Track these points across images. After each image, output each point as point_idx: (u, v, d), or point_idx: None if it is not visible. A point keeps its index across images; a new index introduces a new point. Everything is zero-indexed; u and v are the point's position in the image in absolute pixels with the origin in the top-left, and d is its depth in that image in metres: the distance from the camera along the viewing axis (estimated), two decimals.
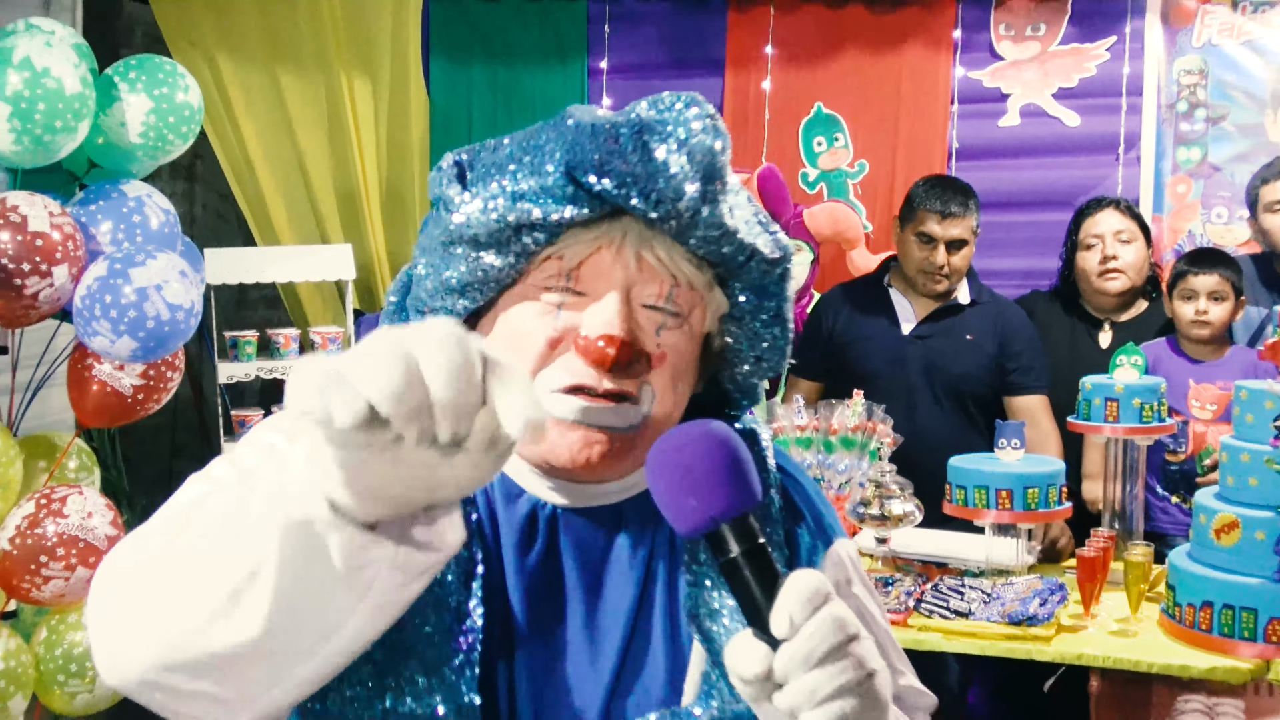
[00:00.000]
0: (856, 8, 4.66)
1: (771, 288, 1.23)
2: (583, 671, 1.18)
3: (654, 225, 1.13)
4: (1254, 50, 4.36)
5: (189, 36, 5.27)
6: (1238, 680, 2.65)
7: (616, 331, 1.12)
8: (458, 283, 1.19)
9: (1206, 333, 3.49)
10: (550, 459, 1.16)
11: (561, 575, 1.20)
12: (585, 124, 1.11)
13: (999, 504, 3.03)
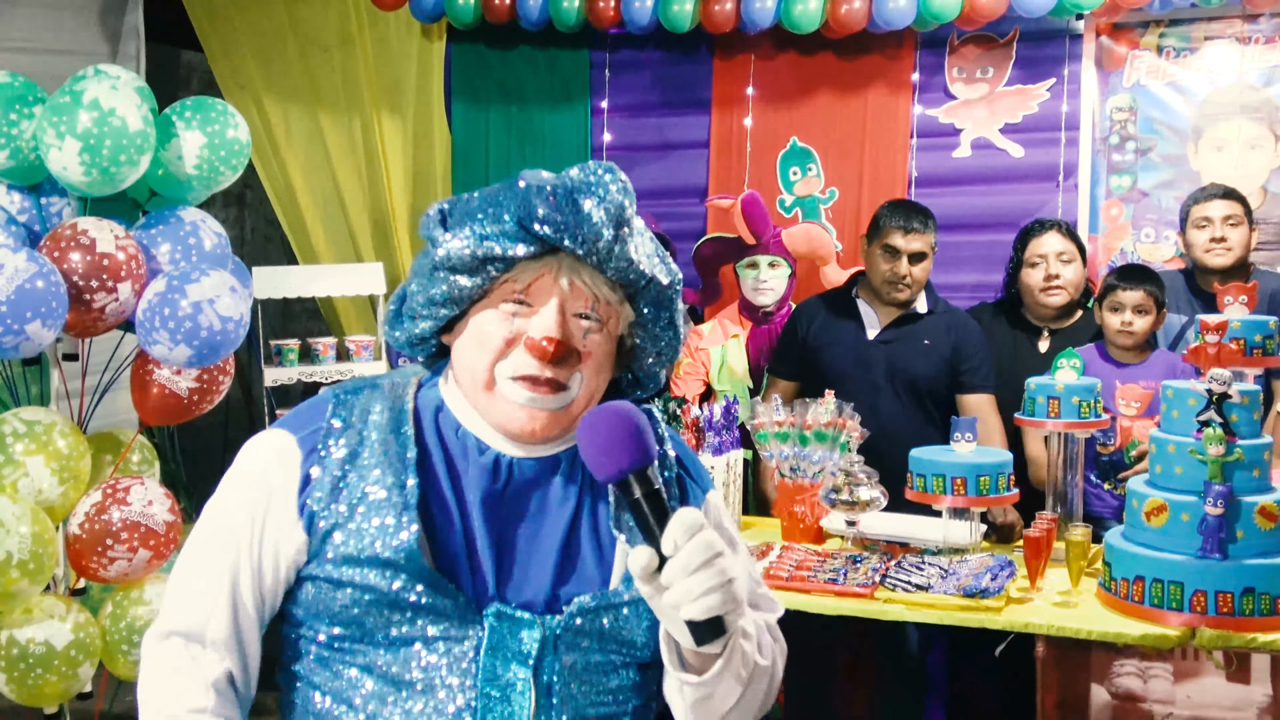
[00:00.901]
0: (826, 54, 4.66)
1: (666, 302, 1.49)
2: (532, 562, 1.44)
3: (581, 259, 1.39)
4: (1176, 90, 4.37)
5: (238, 81, 5.30)
6: (1166, 646, 2.64)
7: (555, 334, 1.39)
8: (440, 298, 1.43)
9: (1130, 342, 3.50)
10: (507, 428, 1.43)
11: (518, 500, 1.46)
12: (532, 186, 1.37)
13: (954, 490, 3.02)
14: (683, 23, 4.52)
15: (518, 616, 1.40)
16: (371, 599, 1.37)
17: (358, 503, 1.39)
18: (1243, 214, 3.77)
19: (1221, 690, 2.73)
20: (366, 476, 1.41)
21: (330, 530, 1.39)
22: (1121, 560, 2.75)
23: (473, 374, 1.43)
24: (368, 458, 1.42)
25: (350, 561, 1.37)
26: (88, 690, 3.25)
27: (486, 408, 1.44)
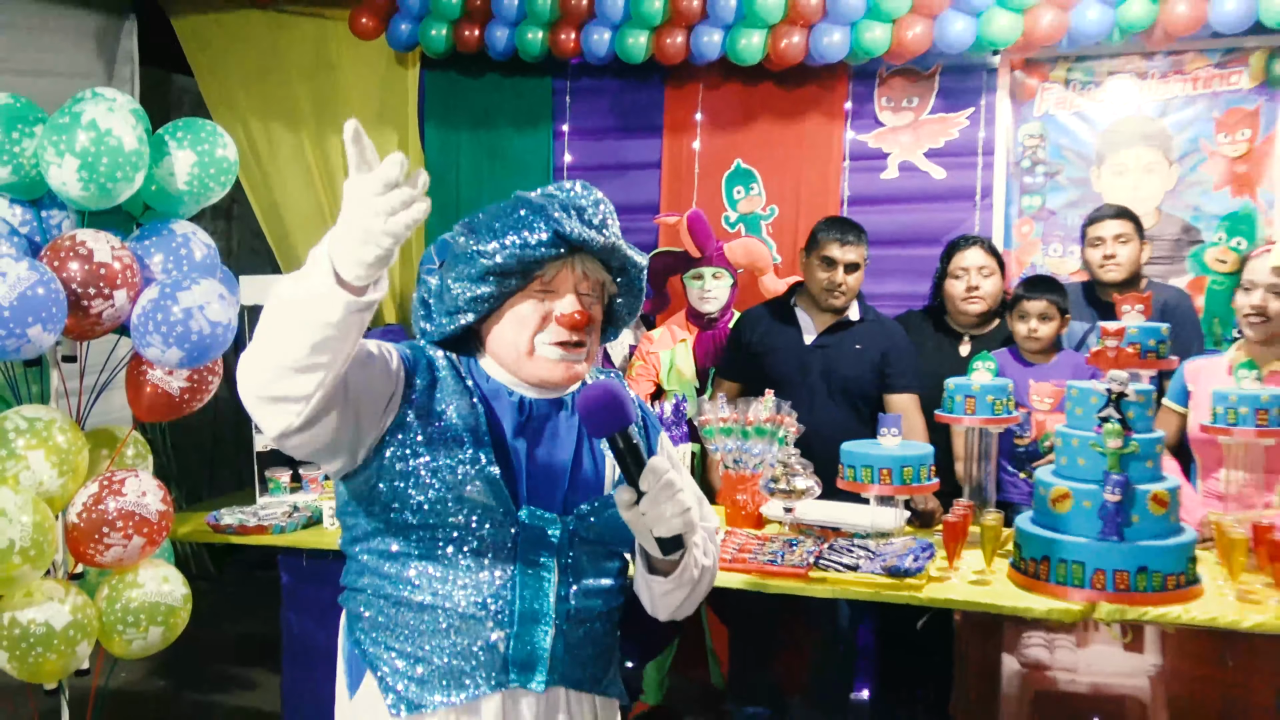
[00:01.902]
0: (767, 84, 4.69)
1: (636, 275, 1.86)
2: (548, 474, 1.79)
3: (588, 255, 1.76)
4: (1082, 119, 4.43)
5: (227, 103, 5.26)
6: (1070, 619, 2.68)
7: (579, 308, 1.74)
8: (486, 296, 1.73)
9: (1036, 346, 3.58)
10: (547, 380, 1.77)
11: (537, 430, 1.80)
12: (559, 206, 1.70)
13: (881, 480, 3.04)
14: (637, 54, 4.54)
15: (544, 516, 1.75)
16: (447, 493, 1.70)
17: (439, 417, 1.72)
18: (1133, 232, 3.82)
19: (1119, 659, 2.78)
20: (444, 400, 1.74)
21: (419, 427, 1.71)
22: (1030, 542, 2.79)
23: (516, 346, 1.76)
24: (445, 389, 1.75)
25: (437, 467, 1.69)
26: (85, 668, 3.22)
27: (528, 369, 1.77)
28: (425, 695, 1.72)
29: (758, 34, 4.38)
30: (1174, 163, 4.33)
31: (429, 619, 1.72)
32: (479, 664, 1.73)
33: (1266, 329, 3.22)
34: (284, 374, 1.49)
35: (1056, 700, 2.83)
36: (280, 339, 1.48)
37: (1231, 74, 4.24)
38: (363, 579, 1.78)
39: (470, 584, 1.72)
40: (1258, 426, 2.93)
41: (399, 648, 1.74)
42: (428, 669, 1.72)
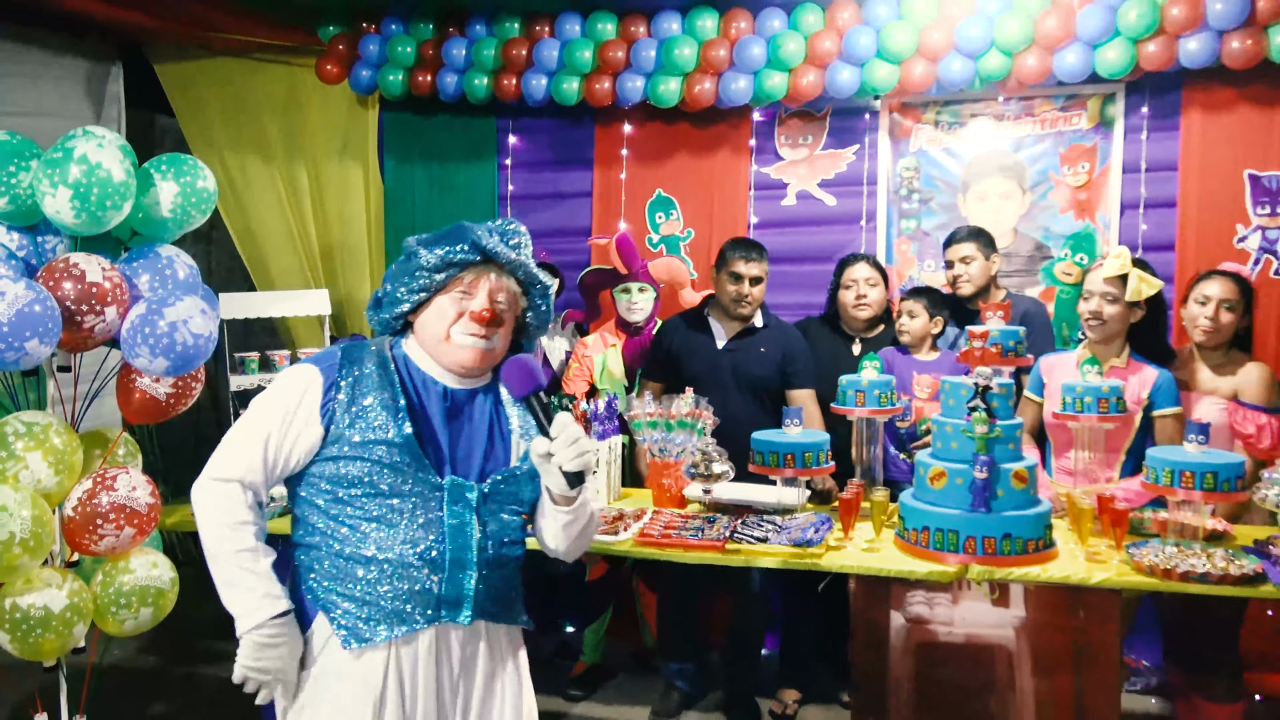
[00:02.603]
0: (684, 124, 4.69)
1: (543, 295, 2.04)
2: (468, 451, 1.96)
3: (501, 268, 1.96)
4: (949, 154, 4.50)
5: (205, 140, 5.15)
6: (946, 580, 2.73)
7: (488, 307, 1.93)
8: (419, 289, 1.93)
9: (907, 339, 3.72)
10: (459, 363, 1.94)
11: (457, 415, 1.97)
12: (482, 229, 1.94)
13: (785, 464, 3.08)
14: (570, 98, 4.52)
15: (464, 483, 1.92)
16: (378, 465, 1.86)
17: (364, 410, 1.88)
18: (976, 251, 3.86)
19: (988, 612, 2.81)
20: (368, 394, 1.89)
21: (348, 426, 1.87)
22: (912, 515, 2.84)
23: (436, 333, 1.94)
24: (368, 383, 1.90)
25: (366, 444, 1.86)
26: (81, 646, 3.12)
27: (444, 353, 1.94)
28: (372, 630, 1.87)
29: (675, 80, 4.39)
30: (1027, 191, 4.40)
31: (375, 569, 1.87)
32: (417, 604, 1.88)
33: (1103, 331, 3.31)
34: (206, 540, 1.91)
35: (936, 649, 2.86)
36: (211, 557, 1.90)
37: (1073, 116, 4.33)
38: (313, 538, 1.92)
39: (409, 540, 1.87)
40: (1099, 413, 3.02)
41: (349, 593, 1.88)
42: (374, 610, 1.87)
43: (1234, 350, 3.36)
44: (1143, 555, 2.69)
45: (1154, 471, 2.77)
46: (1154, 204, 4.23)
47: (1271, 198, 4.05)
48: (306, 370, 1.92)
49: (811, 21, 4.25)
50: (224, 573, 1.86)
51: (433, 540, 1.88)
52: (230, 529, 1.86)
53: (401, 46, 4.69)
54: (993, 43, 4.03)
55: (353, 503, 1.87)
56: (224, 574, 1.86)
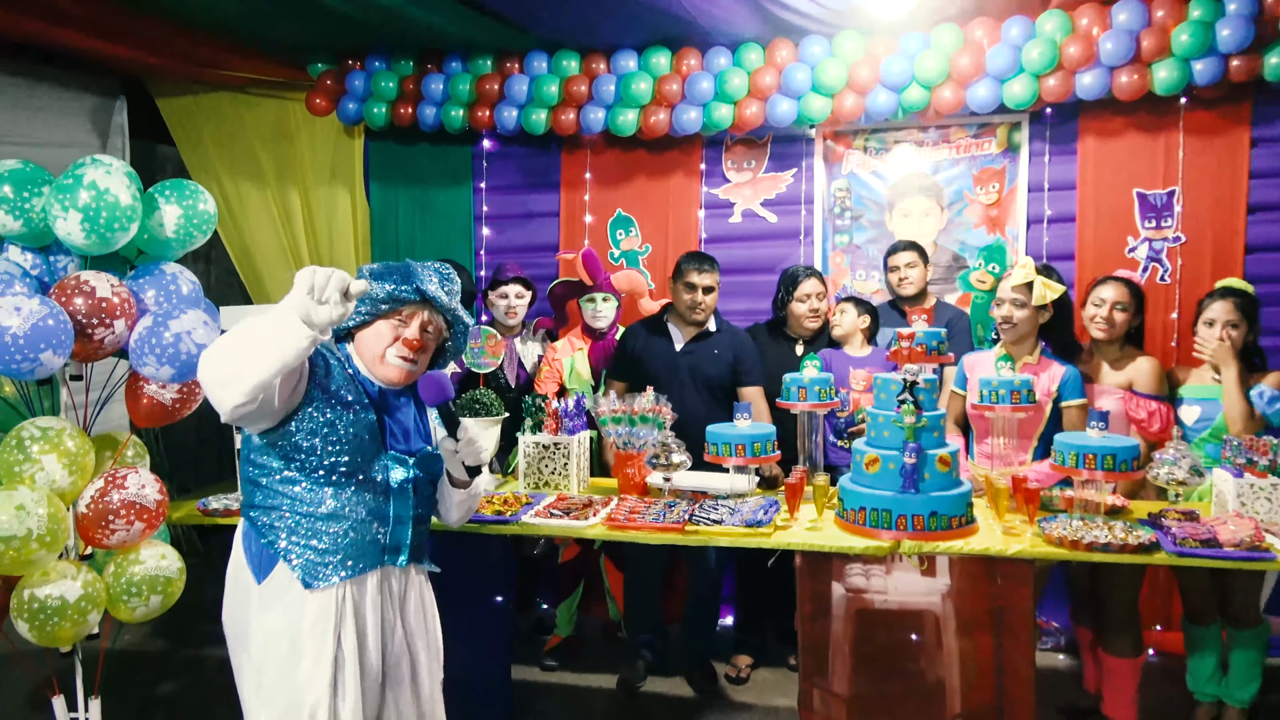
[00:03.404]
0: (640, 150, 4.70)
1: (462, 328, 2.27)
2: (402, 435, 2.20)
3: (435, 309, 2.18)
4: (877, 176, 4.54)
5: (203, 168, 5.05)
6: (881, 554, 2.74)
7: (418, 338, 2.16)
8: (366, 312, 2.14)
9: (838, 332, 3.78)
10: (388, 379, 2.17)
11: (391, 407, 2.20)
12: (424, 273, 2.15)
13: (737, 453, 3.08)
14: (539, 128, 4.50)
15: (403, 457, 2.18)
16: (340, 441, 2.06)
17: (335, 394, 2.08)
18: (917, 258, 3.94)
19: (918, 582, 2.84)
20: (336, 383, 2.09)
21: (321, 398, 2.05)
22: (850, 497, 2.84)
23: (373, 350, 2.16)
24: (336, 374, 2.11)
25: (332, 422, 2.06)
26: (95, 632, 3.05)
27: (377, 369, 2.17)
28: (329, 573, 2.07)
29: (632, 112, 4.39)
30: (945, 209, 4.45)
31: (335, 524, 2.08)
32: (365, 551, 2.12)
33: (1014, 333, 3.35)
34: (252, 378, 1.81)
35: (872, 616, 2.88)
36: (255, 358, 1.79)
37: (984, 142, 4.38)
38: (276, 500, 2.07)
39: (362, 501, 2.11)
40: (1012, 404, 3.06)
41: (312, 544, 2.06)
42: (332, 556, 2.08)
43: (1128, 346, 3.43)
44: (1052, 529, 2.72)
45: (1061, 455, 2.80)
46: (1056, 219, 4.30)
47: (1157, 213, 4.14)
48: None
49: (754, 59, 4.27)
50: (249, 332, 1.79)
51: (381, 500, 2.13)
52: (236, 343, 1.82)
53: (384, 81, 4.64)
54: (913, 78, 4.08)
55: (315, 470, 2.06)
56: (251, 331, 1.79)
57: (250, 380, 1.79)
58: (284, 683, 2.03)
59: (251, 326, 1.80)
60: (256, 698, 2.05)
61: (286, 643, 2.03)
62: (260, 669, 2.05)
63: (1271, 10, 3.66)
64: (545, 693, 3.80)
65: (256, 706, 2.06)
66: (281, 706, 2.03)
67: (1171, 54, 3.78)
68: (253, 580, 2.07)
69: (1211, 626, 3.24)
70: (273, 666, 2.03)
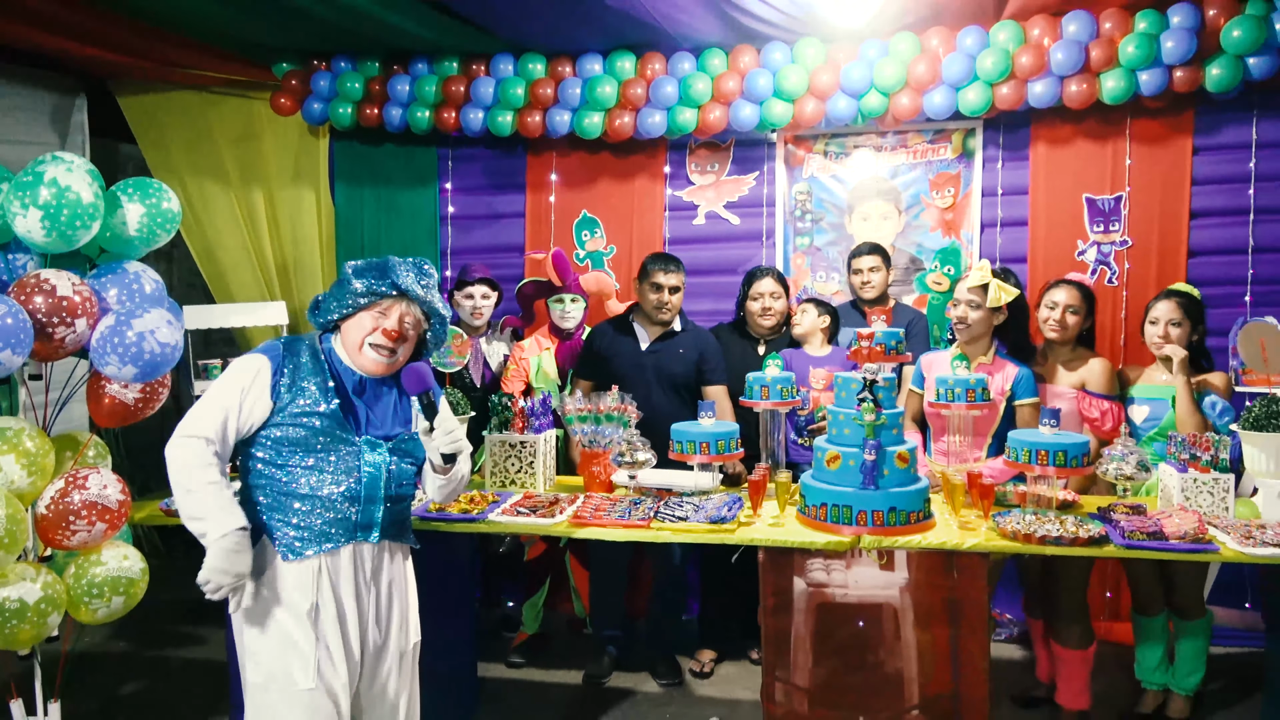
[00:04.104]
0: (605, 153, 4.69)
1: (441, 321, 2.36)
2: (380, 419, 2.31)
3: (414, 302, 2.29)
4: (837, 180, 4.58)
5: (166, 167, 4.96)
6: (842, 549, 2.76)
7: (397, 328, 2.26)
8: (348, 306, 2.25)
9: (798, 330, 3.82)
10: (366, 369, 2.28)
11: (371, 395, 2.30)
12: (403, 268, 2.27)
13: (701, 451, 3.07)
14: (505, 130, 4.48)
15: (376, 441, 2.29)
16: (312, 430, 2.19)
17: (303, 389, 2.21)
18: (880, 263, 3.99)
19: (877, 576, 2.85)
20: (305, 378, 2.22)
21: (290, 401, 2.20)
22: (812, 493, 2.86)
23: (354, 340, 2.27)
24: (305, 369, 2.23)
25: (305, 413, 2.19)
26: (55, 635, 2.97)
27: (357, 359, 2.28)
28: (307, 547, 2.20)
29: (598, 115, 4.39)
30: (902, 212, 4.49)
31: (310, 503, 2.20)
32: (340, 528, 2.24)
33: (969, 333, 3.40)
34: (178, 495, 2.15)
35: (833, 609, 2.89)
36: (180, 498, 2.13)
37: (940, 148, 4.44)
38: (259, 480, 2.23)
39: (337, 482, 2.22)
40: (968, 402, 3.10)
41: (291, 521, 2.20)
42: (309, 532, 2.20)
43: (1080, 347, 3.49)
44: (1006, 523, 2.76)
45: (1015, 451, 2.84)
46: (1009, 223, 4.37)
47: (1105, 217, 4.22)
48: (258, 358, 2.22)
49: (717, 64, 4.29)
50: (196, 499, 2.10)
51: (352, 483, 2.24)
52: (200, 468, 2.11)
53: (350, 82, 4.59)
54: (873, 84, 4.12)
55: (291, 457, 2.20)
56: (196, 500, 2.10)
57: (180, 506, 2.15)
58: (268, 644, 2.19)
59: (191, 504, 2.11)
60: (247, 657, 2.23)
61: (269, 607, 2.20)
62: (246, 630, 2.22)
63: (1212, 23, 3.75)
64: (512, 689, 3.78)
65: (248, 666, 2.23)
66: (269, 668, 2.19)
67: (1119, 64, 3.86)
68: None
69: (1158, 617, 3.32)
70: (257, 628, 2.20)
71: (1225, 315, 3.87)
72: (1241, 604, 4.04)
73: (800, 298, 4.14)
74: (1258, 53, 3.70)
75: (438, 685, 3.24)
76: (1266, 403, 2.89)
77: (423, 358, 2.38)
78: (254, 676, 2.21)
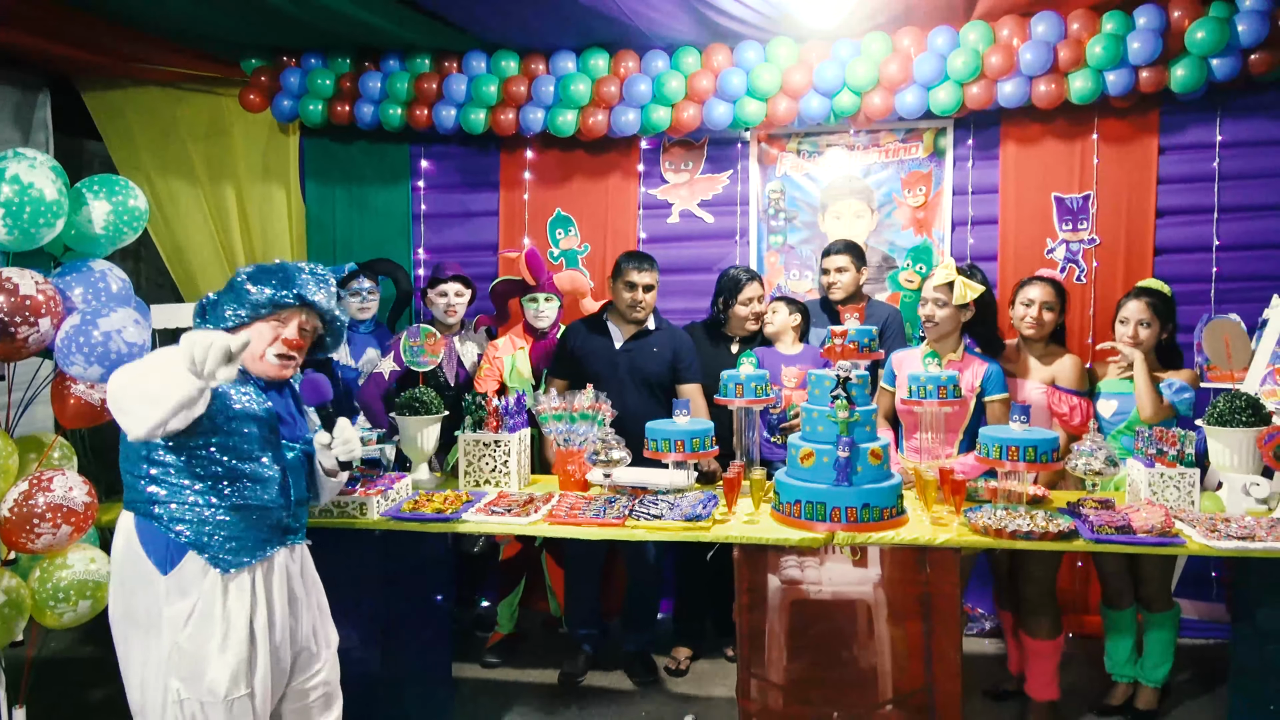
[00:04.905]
0: (579, 151, 4.68)
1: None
2: (290, 426, 2.43)
3: (313, 310, 2.38)
4: (810, 178, 4.59)
5: (132, 164, 4.88)
6: (816, 545, 2.78)
7: (296, 337, 2.36)
8: (245, 316, 2.30)
9: (771, 329, 3.83)
10: (268, 374, 2.35)
11: (276, 400, 2.38)
12: (305, 278, 2.34)
13: (676, 449, 3.09)
14: (478, 127, 4.46)
15: (293, 445, 2.41)
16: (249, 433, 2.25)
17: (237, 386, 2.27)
18: (850, 263, 3.97)
19: (851, 572, 2.87)
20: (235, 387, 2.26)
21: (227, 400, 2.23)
22: (786, 490, 2.87)
23: (253, 351, 2.31)
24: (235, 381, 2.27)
25: (245, 414, 2.25)
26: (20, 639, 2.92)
27: (257, 367, 2.33)
28: (242, 556, 2.24)
29: (571, 113, 4.38)
30: (875, 211, 4.51)
31: (245, 512, 2.25)
32: (272, 534, 2.32)
33: (937, 331, 3.42)
34: (166, 405, 1.96)
35: (807, 605, 2.90)
36: (159, 397, 1.95)
37: (911, 147, 4.47)
38: (180, 495, 2.19)
39: (270, 486, 2.31)
40: (940, 399, 3.13)
41: (223, 534, 2.21)
42: (242, 543, 2.24)
43: (1052, 344, 3.53)
44: (978, 518, 2.79)
45: (986, 447, 2.88)
46: (979, 221, 4.41)
47: (1073, 216, 4.27)
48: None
49: (691, 63, 4.29)
50: (160, 363, 1.99)
51: (280, 487, 2.33)
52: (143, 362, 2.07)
53: (321, 79, 4.54)
54: (845, 84, 4.14)
55: (227, 465, 2.22)
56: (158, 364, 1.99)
57: (165, 406, 1.96)
58: (205, 661, 2.18)
59: (158, 362, 2.00)
60: (173, 678, 2.18)
61: (205, 625, 2.18)
62: (178, 651, 2.17)
63: (1177, 25, 3.81)
64: (487, 689, 3.77)
65: (170, 686, 2.18)
66: (207, 682, 2.17)
67: (1086, 65, 3.91)
68: (156, 571, 2.19)
69: (1127, 610, 3.37)
70: (190, 647, 2.17)
71: (1191, 312, 3.93)
72: (1207, 597, 4.11)
73: (772, 296, 4.15)
74: (1220, 54, 3.76)
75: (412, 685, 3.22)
76: (1230, 398, 2.94)
77: (318, 357, 2.53)
78: (182, 690, 2.18)
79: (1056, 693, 3.24)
